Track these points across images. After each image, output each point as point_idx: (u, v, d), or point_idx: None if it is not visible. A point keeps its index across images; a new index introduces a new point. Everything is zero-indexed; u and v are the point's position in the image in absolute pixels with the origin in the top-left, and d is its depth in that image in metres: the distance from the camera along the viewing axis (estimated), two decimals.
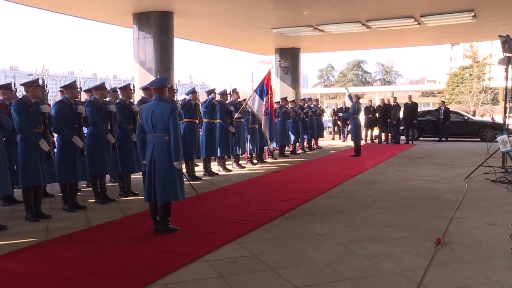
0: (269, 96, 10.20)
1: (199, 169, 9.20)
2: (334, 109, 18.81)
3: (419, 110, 17.30)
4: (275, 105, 11.43)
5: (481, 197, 6.54)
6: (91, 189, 6.62)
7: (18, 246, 4.37)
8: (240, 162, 10.22)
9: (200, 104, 8.89)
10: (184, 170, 4.82)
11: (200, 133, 8.80)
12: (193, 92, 8.40)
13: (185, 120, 8.14)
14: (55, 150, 5.87)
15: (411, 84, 70.48)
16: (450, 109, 18.80)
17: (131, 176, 7.10)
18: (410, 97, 16.92)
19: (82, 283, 3.45)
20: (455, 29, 15.08)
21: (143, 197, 4.91)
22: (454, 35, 16.85)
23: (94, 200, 6.40)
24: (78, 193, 6.31)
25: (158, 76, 9.55)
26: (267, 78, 10.32)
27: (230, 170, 9.54)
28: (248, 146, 10.30)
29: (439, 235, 4.54)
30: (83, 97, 6.65)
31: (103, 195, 6.45)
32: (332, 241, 4.48)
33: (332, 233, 4.76)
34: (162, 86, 4.79)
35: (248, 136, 10.24)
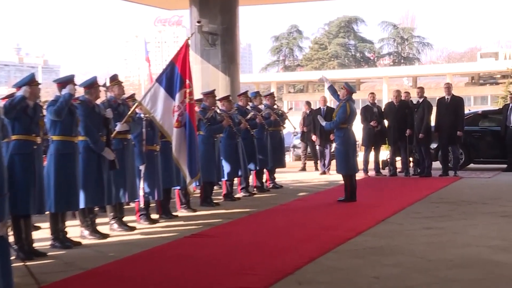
0: (187, 90, 7.95)
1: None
2: (305, 113, 15.35)
3: (466, 111, 14.29)
4: (196, 108, 9.05)
5: None
6: None
7: None
8: (125, 219, 7.83)
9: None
10: None
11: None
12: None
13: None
14: None
15: (449, 63, 55.80)
16: None
17: None
18: (448, 87, 13.83)
19: None
20: None
21: None
22: None
23: None
24: None
25: None
26: (183, 56, 8.10)
27: (106, 236, 7.14)
28: (142, 188, 7.93)
29: None
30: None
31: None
32: None
33: None
34: None
35: (142, 168, 7.77)
